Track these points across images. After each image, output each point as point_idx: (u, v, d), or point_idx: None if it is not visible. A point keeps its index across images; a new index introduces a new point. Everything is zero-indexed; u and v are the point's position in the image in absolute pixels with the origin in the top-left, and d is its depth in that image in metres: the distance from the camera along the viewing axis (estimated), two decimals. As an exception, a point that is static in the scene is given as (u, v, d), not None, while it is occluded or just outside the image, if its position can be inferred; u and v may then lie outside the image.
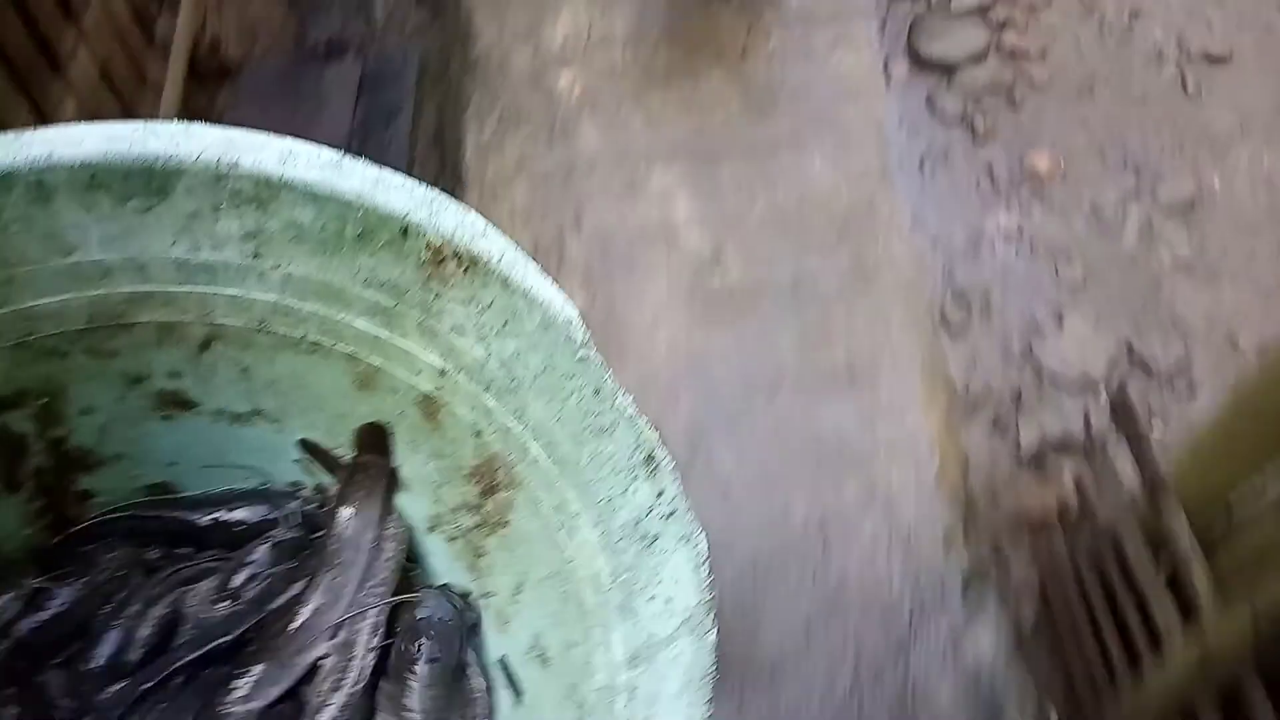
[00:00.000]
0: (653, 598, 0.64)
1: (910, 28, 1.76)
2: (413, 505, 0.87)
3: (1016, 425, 1.35)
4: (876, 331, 1.36)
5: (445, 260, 0.69)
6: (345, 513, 0.85)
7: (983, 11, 1.74)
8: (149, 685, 0.78)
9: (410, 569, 0.89)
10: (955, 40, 1.74)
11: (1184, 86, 1.55)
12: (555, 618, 0.75)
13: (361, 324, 0.75)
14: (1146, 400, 1.29)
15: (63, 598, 0.82)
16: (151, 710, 0.78)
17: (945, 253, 1.50)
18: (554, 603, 0.76)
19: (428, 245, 0.68)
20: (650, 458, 0.65)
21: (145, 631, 0.81)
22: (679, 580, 0.62)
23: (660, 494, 0.64)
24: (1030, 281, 1.47)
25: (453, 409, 0.78)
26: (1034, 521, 1.27)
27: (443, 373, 0.76)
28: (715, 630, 0.59)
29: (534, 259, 0.68)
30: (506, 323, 0.70)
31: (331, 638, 0.81)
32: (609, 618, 0.68)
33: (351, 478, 0.85)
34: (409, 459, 0.84)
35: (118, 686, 0.79)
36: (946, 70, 1.71)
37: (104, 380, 0.77)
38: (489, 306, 0.70)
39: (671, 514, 0.63)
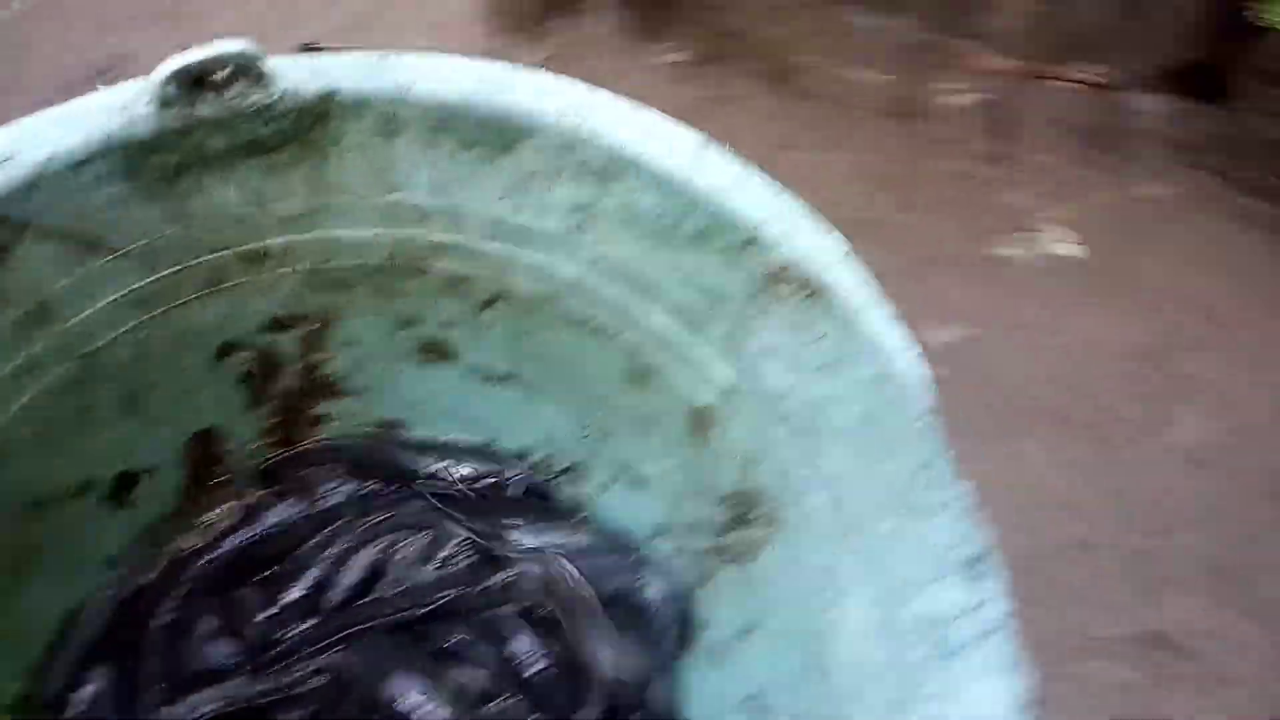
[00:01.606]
0: (941, 718, 0.57)
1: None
2: (641, 506, 0.81)
3: None
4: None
5: (783, 282, 0.62)
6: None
7: None
8: (339, 636, 0.76)
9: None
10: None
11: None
12: (791, 681, 0.69)
13: (660, 320, 0.69)
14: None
15: (278, 516, 0.79)
16: (338, 656, 0.76)
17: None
18: (792, 665, 0.69)
19: (769, 263, 0.61)
20: (973, 561, 0.57)
21: (349, 578, 0.78)
22: (983, 714, 0.55)
23: (979, 605, 0.56)
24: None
25: (728, 430, 0.71)
26: None
27: (732, 391, 0.69)
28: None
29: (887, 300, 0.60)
30: (830, 364, 0.63)
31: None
32: (874, 708, 0.62)
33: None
34: (656, 459, 0.78)
35: (309, 624, 0.77)
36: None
37: (378, 318, 0.72)
38: (818, 340, 0.62)
39: (988, 633, 0.56)
